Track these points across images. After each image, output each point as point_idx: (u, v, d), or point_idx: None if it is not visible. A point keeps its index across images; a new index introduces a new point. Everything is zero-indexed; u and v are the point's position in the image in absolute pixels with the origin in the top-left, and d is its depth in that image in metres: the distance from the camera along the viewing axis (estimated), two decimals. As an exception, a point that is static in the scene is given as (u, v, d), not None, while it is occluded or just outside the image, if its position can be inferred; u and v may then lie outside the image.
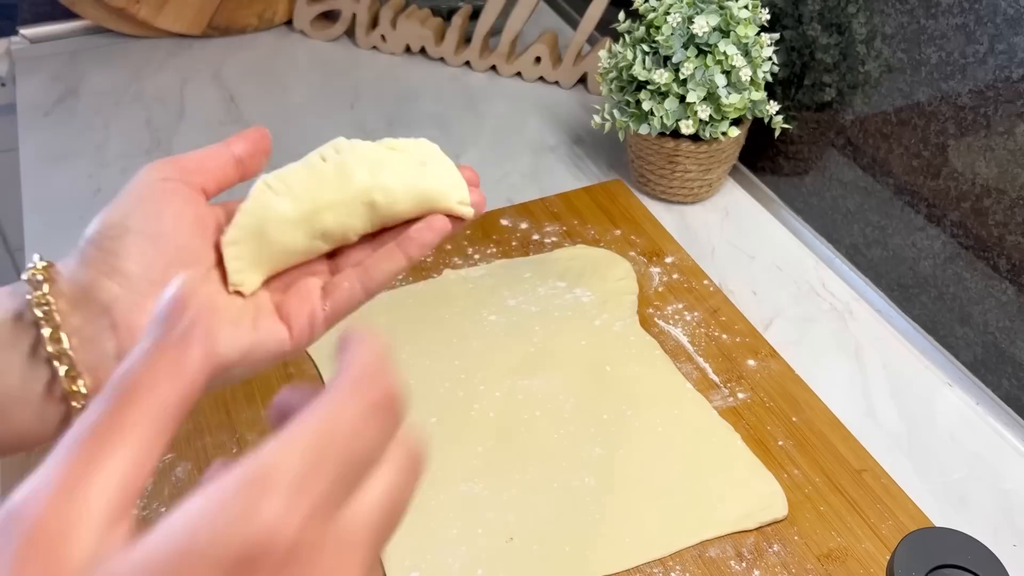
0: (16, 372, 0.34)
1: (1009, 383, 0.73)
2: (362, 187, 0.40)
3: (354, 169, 0.40)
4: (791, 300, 0.83)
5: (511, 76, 1.15)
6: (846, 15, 0.80)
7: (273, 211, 0.40)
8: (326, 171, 0.41)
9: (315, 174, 0.41)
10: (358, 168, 0.41)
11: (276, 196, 0.40)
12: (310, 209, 0.40)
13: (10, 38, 1.18)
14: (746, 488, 0.65)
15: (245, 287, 0.40)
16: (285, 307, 0.40)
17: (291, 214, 0.40)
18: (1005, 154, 0.68)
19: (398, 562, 0.61)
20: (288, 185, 0.40)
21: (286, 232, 0.40)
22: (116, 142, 1.02)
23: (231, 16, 1.19)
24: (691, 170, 0.90)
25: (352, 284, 0.41)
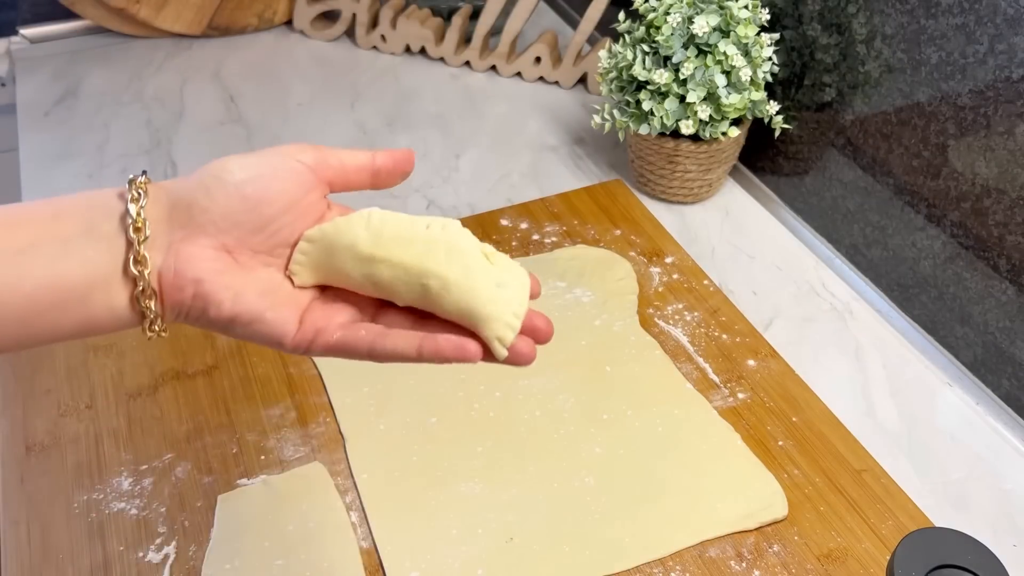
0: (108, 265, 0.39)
1: (1009, 383, 0.73)
2: (426, 267, 0.42)
3: (437, 252, 0.42)
4: (791, 300, 0.83)
5: (511, 76, 1.15)
6: (846, 15, 0.80)
7: (352, 237, 0.43)
8: (416, 236, 0.43)
9: (407, 232, 0.43)
10: (440, 253, 0.42)
11: (364, 229, 0.43)
12: (377, 255, 0.42)
13: (10, 38, 1.18)
14: (746, 488, 0.65)
15: (296, 278, 0.44)
16: (309, 313, 0.44)
17: (361, 249, 0.43)
18: (1005, 154, 0.68)
19: (398, 562, 0.61)
20: (383, 225, 0.43)
21: (348, 260, 0.43)
22: (116, 142, 1.02)
23: (231, 16, 1.19)
24: (691, 170, 0.90)
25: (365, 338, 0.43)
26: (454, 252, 0.42)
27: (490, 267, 0.42)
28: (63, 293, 0.38)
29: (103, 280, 0.39)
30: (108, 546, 0.62)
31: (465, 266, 0.41)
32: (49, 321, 0.39)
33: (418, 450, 0.68)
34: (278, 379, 0.74)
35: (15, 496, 0.65)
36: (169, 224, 0.41)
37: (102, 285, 0.39)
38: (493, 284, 0.41)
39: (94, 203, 0.40)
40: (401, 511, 0.64)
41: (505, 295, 0.41)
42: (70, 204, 0.40)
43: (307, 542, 0.62)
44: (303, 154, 0.43)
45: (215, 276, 0.41)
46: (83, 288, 0.39)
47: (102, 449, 0.68)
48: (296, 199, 0.43)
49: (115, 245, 0.40)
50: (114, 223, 0.40)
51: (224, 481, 0.66)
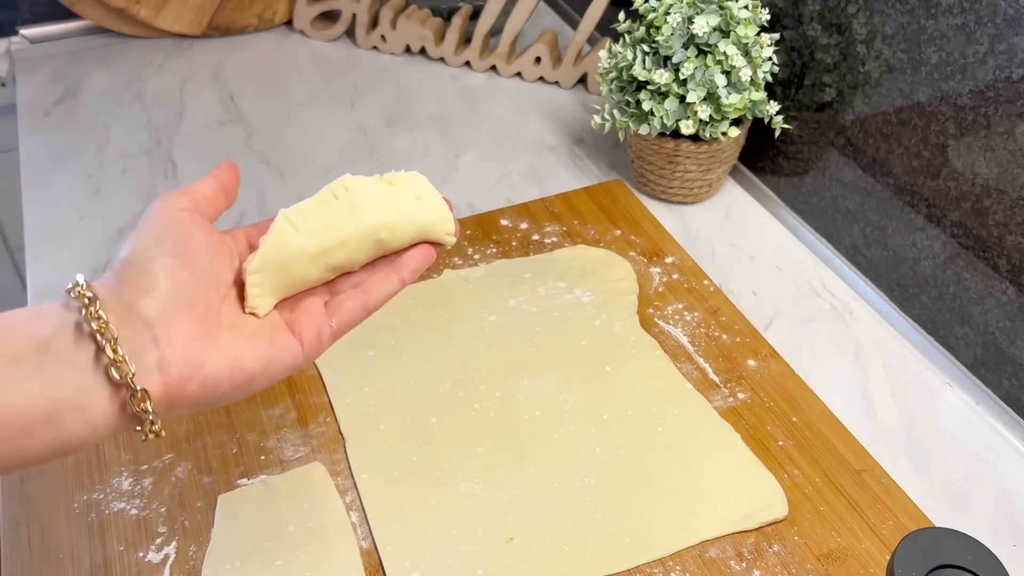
0: (74, 381, 0.37)
1: (1009, 383, 0.73)
2: (372, 226, 0.46)
3: (364, 209, 0.46)
4: (791, 300, 0.83)
5: (511, 76, 1.15)
6: (846, 15, 0.80)
7: (293, 246, 0.45)
8: (340, 210, 0.46)
9: (330, 212, 0.46)
10: (368, 208, 0.46)
11: (296, 232, 0.45)
12: (327, 246, 0.45)
13: (10, 38, 1.18)
14: (746, 488, 0.65)
15: (260, 310, 0.45)
16: (296, 324, 0.45)
17: (309, 250, 0.45)
18: (1005, 154, 0.68)
19: (398, 562, 0.61)
20: (306, 221, 0.45)
21: (303, 266, 0.45)
22: (116, 142, 1.02)
23: (231, 16, 1.19)
24: (691, 170, 0.90)
25: (354, 303, 0.46)
26: (376, 201, 0.47)
27: (401, 190, 0.48)
28: (24, 419, 0.35)
29: (71, 398, 0.36)
30: (108, 546, 0.62)
31: (393, 206, 0.47)
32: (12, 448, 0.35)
33: (418, 450, 0.68)
34: (278, 379, 0.74)
35: (15, 496, 0.65)
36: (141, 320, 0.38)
37: (71, 403, 0.36)
38: (414, 200, 0.48)
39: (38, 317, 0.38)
40: (401, 511, 0.64)
41: (427, 203, 0.48)
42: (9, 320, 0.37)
43: (307, 542, 0.62)
44: (178, 202, 0.43)
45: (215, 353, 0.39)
46: (47, 410, 0.36)
47: (102, 449, 0.68)
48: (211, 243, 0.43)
49: (79, 359, 0.37)
50: (69, 335, 0.37)
51: (224, 481, 0.66)
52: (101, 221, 0.91)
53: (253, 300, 0.44)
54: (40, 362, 0.36)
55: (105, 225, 0.90)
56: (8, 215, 1.31)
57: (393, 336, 0.76)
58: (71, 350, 0.37)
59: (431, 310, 0.79)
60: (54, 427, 0.36)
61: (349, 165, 0.99)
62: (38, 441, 0.36)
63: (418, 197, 0.48)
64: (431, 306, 0.79)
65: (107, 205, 0.93)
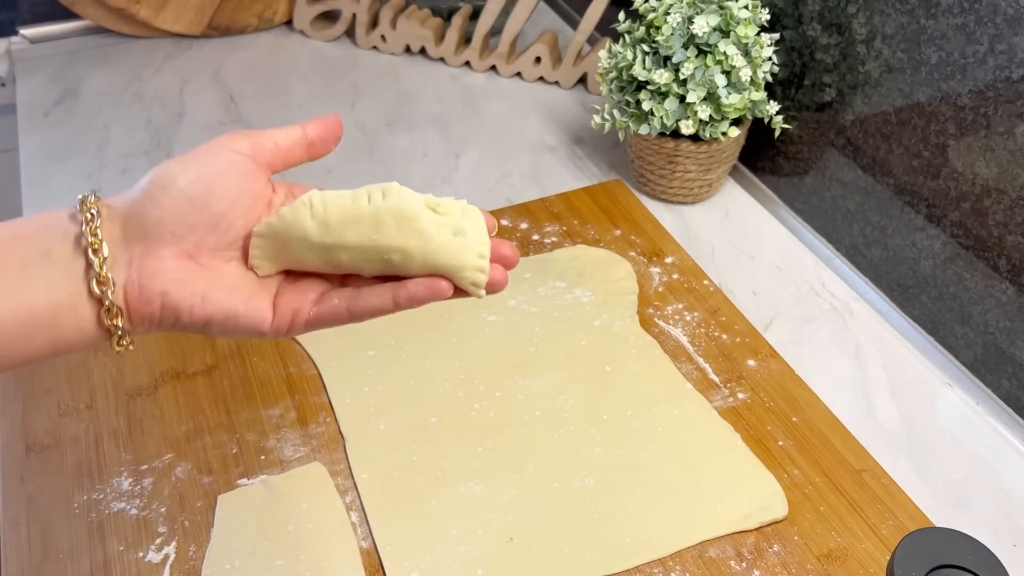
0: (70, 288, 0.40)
1: (1009, 383, 0.73)
2: (384, 245, 0.42)
3: (387, 224, 0.42)
4: (791, 300, 0.83)
5: (511, 76, 1.15)
6: (846, 15, 0.80)
7: (301, 229, 0.43)
8: (364, 214, 0.42)
9: (354, 212, 0.43)
10: (391, 224, 0.42)
11: (311, 218, 0.43)
12: (332, 243, 0.43)
13: (10, 38, 1.18)
14: (746, 488, 0.65)
15: (260, 271, 0.44)
16: (281, 296, 0.44)
17: (314, 240, 0.43)
18: (1005, 154, 0.68)
19: (398, 562, 0.61)
20: (327, 210, 0.43)
21: (304, 251, 0.44)
22: (116, 142, 1.02)
23: (231, 16, 1.19)
24: (691, 170, 0.90)
25: (340, 303, 0.44)
26: (403, 219, 0.42)
27: (442, 219, 0.42)
28: (31, 318, 0.39)
29: (68, 302, 0.40)
30: (108, 546, 0.62)
31: (418, 230, 0.42)
32: (20, 346, 0.39)
33: (418, 450, 0.68)
34: (278, 379, 0.74)
35: (15, 496, 0.65)
36: (126, 241, 0.41)
37: (68, 307, 0.40)
38: (450, 235, 0.42)
39: (47, 226, 0.41)
40: (401, 511, 0.64)
41: (466, 241, 0.42)
42: (22, 228, 0.41)
43: (307, 542, 0.62)
44: (238, 143, 0.43)
45: (180, 286, 0.41)
46: (50, 312, 0.40)
47: (102, 449, 0.68)
48: (241, 191, 0.43)
49: (74, 268, 0.40)
50: (69, 245, 0.40)
51: (224, 481, 0.66)
52: (101, 221, 0.90)
53: (253, 260, 0.44)
54: (44, 269, 0.40)
55: (105, 225, 0.90)
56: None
57: (393, 336, 0.76)
58: (69, 260, 0.40)
59: (431, 310, 0.79)
60: (53, 328, 0.40)
61: (349, 165, 0.99)
62: (41, 340, 0.40)
63: (456, 233, 0.42)
64: (431, 306, 0.79)
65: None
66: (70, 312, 0.40)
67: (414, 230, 0.42)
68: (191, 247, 0.42)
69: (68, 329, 0.40)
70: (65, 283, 0.40)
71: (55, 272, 0.40)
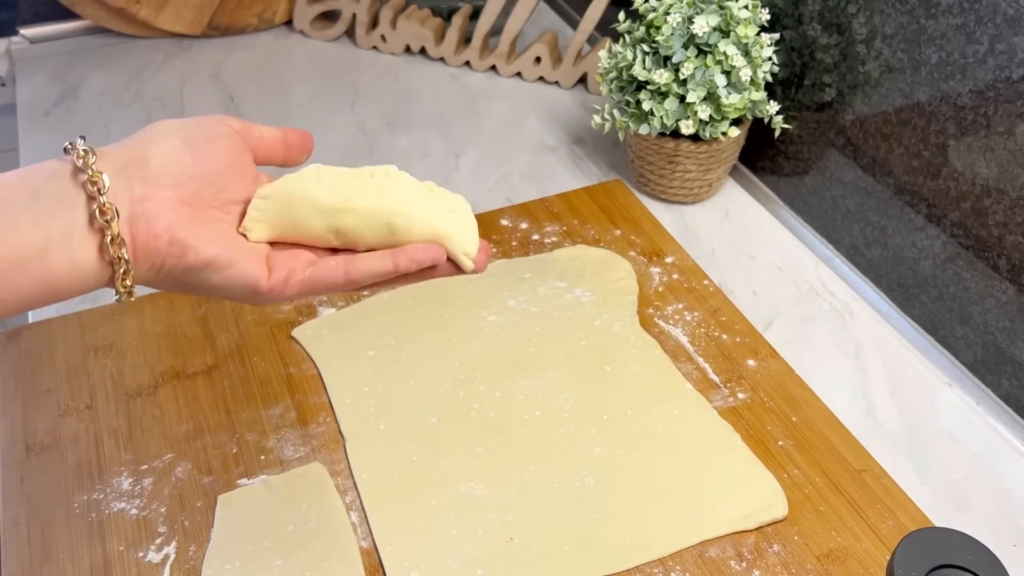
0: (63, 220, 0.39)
1: (1009, 383, 0.73)
2: (390, 207, 0.45)
3: (391, 191, 0.46)
4: (791, 300, 0.83)
5: (511, 76, 1.15)
6: (846, 15, 0.80)
7: (309, 191, 0.45)
8: (368, 183, 0.46)
9: (359, 181, 0.46)
10: (395, 192, 0.46)
11: (319, 183, 0.45)
12: (338, 205, 0.45)
13: (10, 38, 1.18)
14: (746, 488, 0.65)
15: (250, 233, 0.45)
16: (273, 260, 0.45)
17: (321, 202, 0.45)
18: (1005, 154, 0.68)
19: (398, 562, 0.61)
20: (333, 179, 0.46)
21: (308, 213, 0.45)
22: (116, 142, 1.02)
23: (231, 16, 1.19)
24: (691, 170, 0.90)
25: (337, 264, 0.45)
26: (406, 192, 0.46)
27: (438, 199, 0.47)
28: (15, 254, 0.37)
29: (60, 236, 0.39)
30: (108, 546, 0.62)
31: (420, 203, 0.46)
32: (7, 283, 0.38)
33: (418, 450, 0.68)
34: (278, 379, 0.74)
35: (15, 496, 0.65)
36: (126, 179, 0.41)
37: (60, 241, 0.38)
38: (446, 211, 0.47)
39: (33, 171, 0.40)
40: (401, 511, 0.64)
41: (458, 218, 0.47)
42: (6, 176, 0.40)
43: (307, 542, 0.62)
44: (230, 121, 0.45)
45: (186, 223, 0.41)
46: (37, 245, 0.38)
47: (102, 449, 0.68)
48: (235, 157, 0.44)
49: (69, 202, 0.39)
50: (63, 182, 0.39)
51: (224, 481, 0.66)
52: (101, 221, 0.90)
53: (248, 222, 0.45)
54: (32, 204, 0.38)
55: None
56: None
57: (393, 336, 0.76)
58: (62, 193, 0.39)
59: (431, 310, 0.79)
60: (43, 263, 0.38)
61: (349, 165, 0.99)
62: (30, 278, 0.38)
63: (451, 210, 0.47)
64: (431, 306, 0.79)
65: None
66: (63, 247, 0.38)
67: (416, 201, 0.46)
68: (190, 195, 0.42)
69: (61, 265, 0.39)
70: (56, 216, 0.39)
71: (45, 207, 0.39)
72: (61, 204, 0.39)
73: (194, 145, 0.42)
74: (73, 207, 0.39)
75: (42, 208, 0.39)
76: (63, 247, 0.39)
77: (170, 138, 0.42)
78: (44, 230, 0.38)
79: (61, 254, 0.39)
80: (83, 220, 0.39)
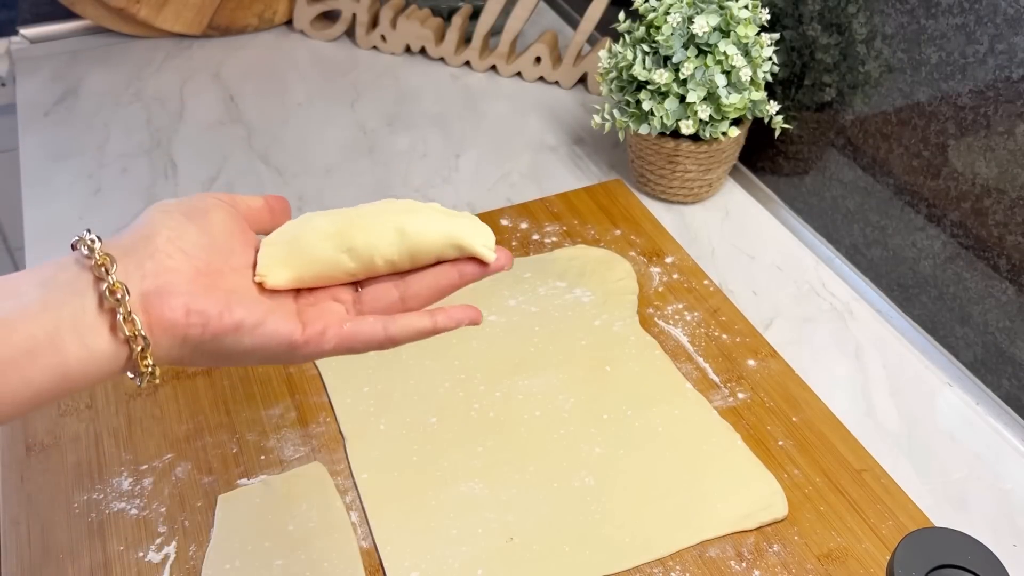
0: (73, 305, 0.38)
1: (1009, 383, 0.73)
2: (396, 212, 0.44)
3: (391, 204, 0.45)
4: (791, 300, 0.83)
5: (511, 76, 1.15)
6: (846, 15, 0.80)
7: (311, 224, 0.44)
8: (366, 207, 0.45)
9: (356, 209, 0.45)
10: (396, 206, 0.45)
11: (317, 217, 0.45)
12: (344, 225, 0.44)
13: (10, 38, 1.18)
14: (746, 488, 0.65)
15: (268, 280, 0.43)
16: (305, 314, 0.44)
17: (327, 228, 0.44)
18: (1005, 154, 0.68)
19: (398, 562, 0.61)
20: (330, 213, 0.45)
21: (317, 241, 0.44)
22: (116, 142, 1.02)
23: (231, 16, 1.19)
24: (691, 170, 0.90)
25: (376, 322, 0.44)
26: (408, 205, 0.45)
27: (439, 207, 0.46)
28: (25, 343, 0.36)
29: (71, 321, 0.38)
30: (108, 546, 0.62)
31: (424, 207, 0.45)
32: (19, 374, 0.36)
33: (418, 450, 0.68)
34: (278, 379, 0.74)
35: (15, 496, 0.65)
36: (136, 258, 0.40)
37: (71, 327, 0.38)
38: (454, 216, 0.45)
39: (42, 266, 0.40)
40: (401, 511, 0.64)
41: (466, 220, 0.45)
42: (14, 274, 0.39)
43: (307, 542, 0.62)
44: (217, 195, 0.45)
45: (203, 292, 0.40)
46: (47, 332, 0.37)
47: (102, 449, 0.68)
48: (234, 223, 0.44)
49: (78, 287, 0.38)
50: (71, 270, 0.39)
51: (224, 481, 0.66)
52: (101, 221, 0.91)
53: (261, 268, 0.43)
54: (41, 293, 0.38)
55: (105, 225, 0.90)
56: (8, 215, 1.31)
57: (393, 336, 0.76)
58: (71, 280, 0.39)
59: (431, 310, 0.79)
60: (56, 351, 0.37)
61: (349, 165, 0.99)
62: (42, 367, 0.37)
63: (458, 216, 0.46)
64: (431, 306, 0.79)
65: (107, 205, 0.93)
66: (74, 331, 0.38)
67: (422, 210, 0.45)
68: (202, 265, 0.41)
69: (74, 352, 0.38)
70: (66, 302, 0.38)
71: (54, 295, 0.38)
72: (71, 290, 0.38)
73: (195, 218, 0.42)
74: (83, 292, 0.38)
75: (51, 296, 0.38)
76: (74, 332, 0.38)
77: (171, 215, 0.42)
78: (53, 317, 0.37)
79: (73, 339, 0.38)
80: (93, 303, 0.38)
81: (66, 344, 0.37)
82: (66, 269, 0.39)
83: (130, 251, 0.40)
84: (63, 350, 0.37)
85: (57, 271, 0.39)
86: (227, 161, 0.99)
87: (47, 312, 0.37)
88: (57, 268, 0.39)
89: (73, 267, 0.39)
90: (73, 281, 0.38)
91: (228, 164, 0.99)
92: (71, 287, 0.38)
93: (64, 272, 0.39)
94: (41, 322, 0.37)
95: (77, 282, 0.38)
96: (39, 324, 0.37)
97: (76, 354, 0.38)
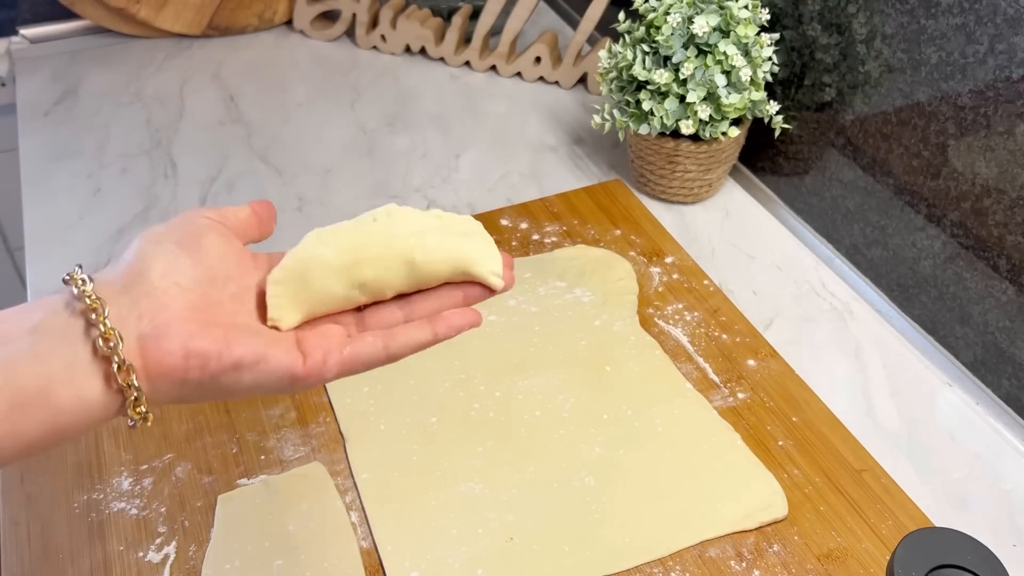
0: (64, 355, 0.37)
1: (1009, 383, 0.73)
2: (405, 245, 0.43)
3: (399, 229, 0.44)
4: (791, 300, 0.83)
5: (511, 76, 1.15)
6: (846, 15, 0.80)
7: (318, 257, 0.43)
8: (374, 229, 0.44)
9: (363, 230, 0.44)
10: (403, 228, 0.44)
11: (323, 245, 0.43)
12: (352, 260, 0.43)
13: (10, 38, 1.18)
14: (746, 488, 0.65)
15: (282, 323, 0.43)
16: (305, 342, 0.42)
17: (334, 262, 0.43)
18: (1005, 154, 0.68)
19: (398, 562, 0.61)
20: (336, 237, 0.44)
21: (327, 278, 0.43)
22: (116, 142, 1.02)
23: (231, 16, 1.19)
24: (691, 170, 0.90)
25: (375, 341, 0.43)
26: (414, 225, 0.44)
27: (447, 223, 0.45)
28: (17, 397, 0.35)
29: (63, 372, 0.36)
30: (108, 546, 0.62)
31: (432, 233, 0.44)
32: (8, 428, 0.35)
33: (418, 450, 0.68)
34: (278, 379, 0.73)
35: (15, 496, 0.65)
36: (130, 298, 0.38)
37: (63, 378, 0.36)
38: (461, 235, 0.45)
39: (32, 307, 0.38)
40: (401, 511, 0.64)
41: (475, 239, 0.45)
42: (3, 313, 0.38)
43: (307, 542, 0.62)
44: (206, 212, 0.44)
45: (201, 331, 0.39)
46: (39, 385, 0.35)
47: (102, 449, 0.68)
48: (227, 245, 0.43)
49: (69, 334, 0.37)
50: (61, 315, 0.37)
51: (224, 481, 0.66)
52: (101, 221, 0.91)
53: (273, 312, 0.42)
54: (31, 341, 0.36)
55: (105, 225, 0.90)
56: (8, 215, 1.31)
57: (393, 336, 0.76)
58: (62, 327, 0.37)
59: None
60: (47, 403, 0.36)
61: (349, 165, 0.99)
62: (33, 420, 0.35)
63: (465, 233, 0.45)
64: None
65: (107, 205, 0.93)
66: (66, 382, 0.36)
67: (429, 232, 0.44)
68: (199, 298, 0.40)
69: (67, 403, 0.36)
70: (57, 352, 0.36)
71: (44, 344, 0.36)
72: (62, 338, 0.36)
73: (188, 246, 0.41)
74: (74, 340, 0.37)
75: (41, 345, 0.36)
76: (67, 383, 0.36)
77: (163, 245, 0.40)
78: (45, 368, 0.36)
79: (66, 391, 0.36)
80: (86, 351, 0.37)
81: (58, 396, 0.36)
82: (56, 312, 0.37)
83: (123, 289, 0.38)
84: (55, 402, 0.36)
85: (47, 315, 0.37)
86: (227, 161, 0.99)
87: (38, 363, 0.36)
88: (46, 311, 0.37)
89: (63, 312, 0.37)
90: (63, 327, 0.37)
91: (228, 164, 0.99)
92: (62, 334, 0.37)
93: (55, 317, 0.37)
94: (31, 374, 0.35)
95: (68, 328, 0.37)
96: (29, 376, 0.35)
97: (68, 405, 0.36)
